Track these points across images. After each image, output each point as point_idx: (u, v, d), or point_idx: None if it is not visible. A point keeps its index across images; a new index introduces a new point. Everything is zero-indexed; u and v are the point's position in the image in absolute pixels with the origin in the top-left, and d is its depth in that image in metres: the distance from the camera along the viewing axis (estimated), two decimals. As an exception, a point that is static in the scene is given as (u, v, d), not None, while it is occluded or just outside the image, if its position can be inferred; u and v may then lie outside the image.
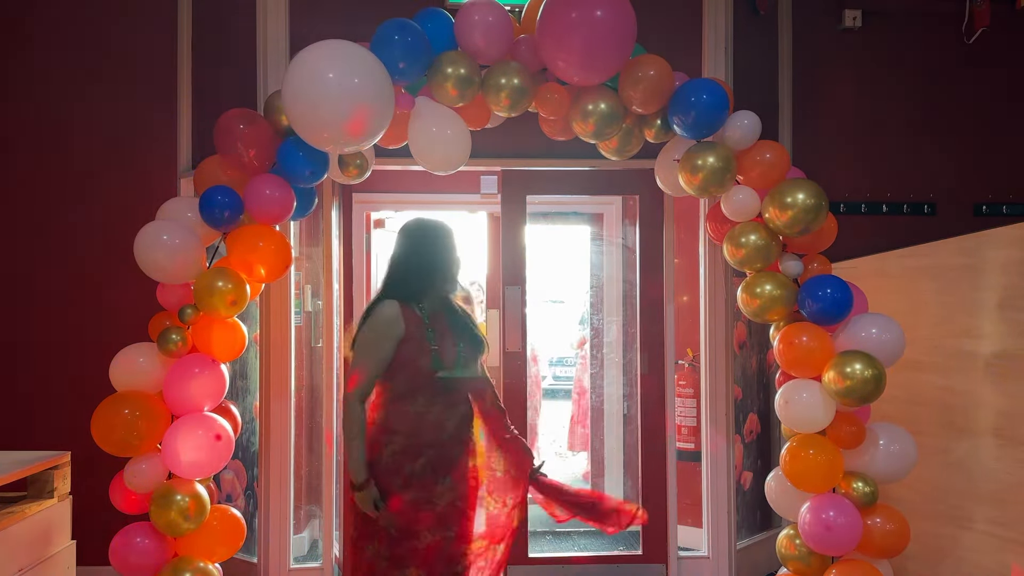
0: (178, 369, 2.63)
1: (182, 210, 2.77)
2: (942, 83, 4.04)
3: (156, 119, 3.61)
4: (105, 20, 3.62)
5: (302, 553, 3.83)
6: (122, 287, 3.41)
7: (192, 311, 2.67)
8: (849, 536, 2.62)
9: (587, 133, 2.88)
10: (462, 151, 2.85)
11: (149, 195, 3.36)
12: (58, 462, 2.50)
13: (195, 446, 2.59)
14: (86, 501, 2.72)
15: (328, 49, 2.44)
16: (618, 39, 2.61)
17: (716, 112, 2.73)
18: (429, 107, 2.80)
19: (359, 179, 3.06)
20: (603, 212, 4.63)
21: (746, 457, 3.81)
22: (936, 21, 4.03)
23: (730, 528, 3.66)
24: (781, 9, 3.98)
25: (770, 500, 2.95)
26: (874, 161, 4.02)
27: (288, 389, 3.53)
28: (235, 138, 2.71)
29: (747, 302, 2.85)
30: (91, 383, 2.78)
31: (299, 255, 3.78)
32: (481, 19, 2.71)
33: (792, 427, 2.80)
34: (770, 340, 2.92)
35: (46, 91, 3.60)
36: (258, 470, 3.53)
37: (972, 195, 4.06)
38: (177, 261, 2.65)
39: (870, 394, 2.58)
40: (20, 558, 2.27)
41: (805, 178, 2.80)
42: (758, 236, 2.81)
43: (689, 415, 4.03)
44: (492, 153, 3.56)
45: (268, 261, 2.76)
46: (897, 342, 2.67)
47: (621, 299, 4.48)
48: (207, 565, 2.69)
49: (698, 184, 2.81)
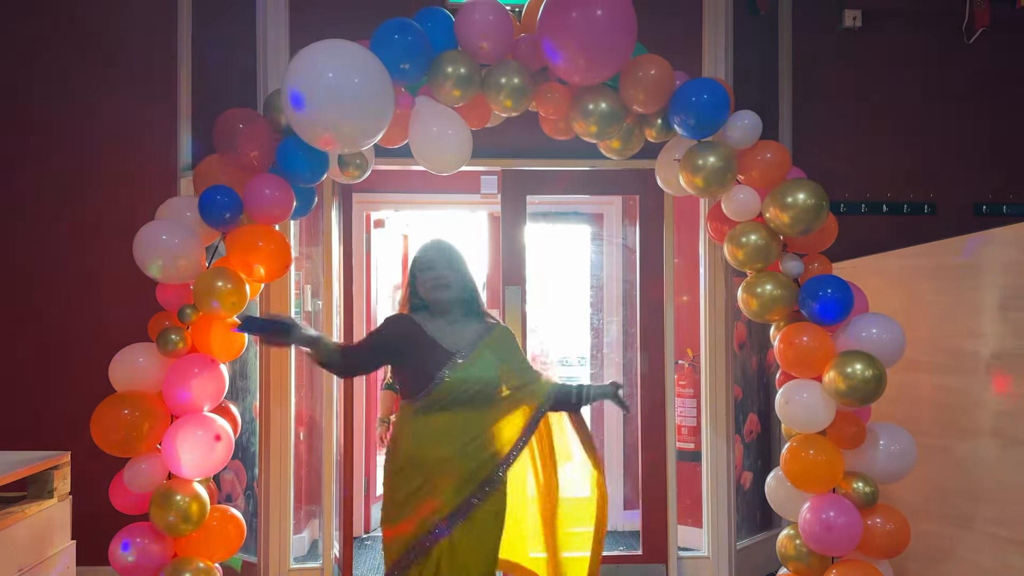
0: (178, 369, 2.63)
1: (182, 210, 2.76)
2: (942, 83, 4.04)
3: (156, 119, 3.60)
4: (105, 20, 3.62)
5: (302, 553, 3.83)
6: (122, 287, 3.41)
7: (192, 311, 2.67)
8: (849, 536, 2.61)
9: (588, 133, 2.88)
10: (463, 151, 2.84)
11: (149, 195, 3.35)
12: (58, 462, 2.49)
13: (195, 446, 2.58)
14: (86, 501, 2.72)
15: (328, 48, 2.43)
16: (619, 39, 2.61)
17: (717, 112, 2.73)
18: (429, 107, 2.80)
19: (359, 179, 3.06)
20: (603, 212, 4.64)
21: (746, 457, 3.81)
22: (936, 21, 4.04)
23: (730, 528, 3.66)
24: (781, 9, 3.98)
25: (770, 500, 2.95)
26: (874, 161, 4.02)
27: (288, 389, 3.53)
28: (235, 138, 2.70)
29: (747, 302, 2.85)
30: (91, 383, 2.78)
31: (299, 255, 3.78)
32: (481, 18, 2.71)
33: (792, 427, 2.80)
34: (770, 340, 2.92)
35: (46, 90, 3.59)
36: (258, 470, 3.53)
37: (972, 195, 4.06)
38: (177, 261, 2.65)
39: (870, 394, 2.58)
40: (20, 558, 2.27)
41: (806, 178, 2.80)
42: (759, 236, 2.81)
43: (689, 415, 4.03)
44: (492, 153, 3.56)
45: (268, 261, 2.75)
46: (897, 342, 2.67)
47: (621, 299, 4.49)
48: (207, 565, 2.68)
49: (699, 184, 2.81)
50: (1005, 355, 2.69)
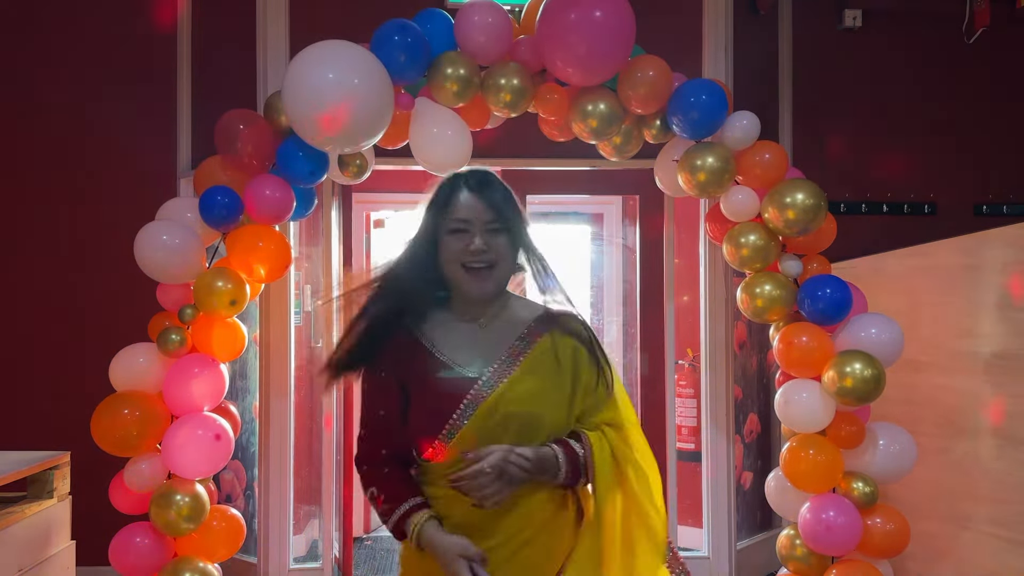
0: (178, 369, 2.63)
1: (182, 210, 2.77)
2: (942, 83, 4.04)
3: (156, 119, 3.61)
4: (105, 20, 3.62)
5: (302, 553, 3.83)
6: (122, 287, 3.41)
7: (192, 311, 2.67)
8: (849, 536, 2.62)
9: (587, 133, 2.88)
10: (462, 151, 2.85)
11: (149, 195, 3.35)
12: (58, 462, 2.49)
13: (195, 446, 2.59)
14: (86, 501, 2.72)
15: (328, 49, 2.44)
16: (617, 39, 2.61)
17: (715, 112, 2.73)
18: (429, 107, 2.80)
19: (359, 179, 3.06)
20: (603, 212, 4.63)
21: (746, 457, 3.81)
22: (936, 21, 4.03)
23: (730, 528, 3.66)
24: (781, 9, 3.98)
25: (770, 500, 2.95)
26: (874, 161, 4.01)
27: (288, 389, 3.53)
28: (235, 138, 2.71)
29: (747, 302, 2.85)
30: (91, 383, 2.78)
31: (299, 255, 3.78)
32: (481, 20, 2.71)
33: (792, 427, 2.80)
34: (770, 340, 2.92)
35: (45, 91, 3.60)
36: (258, 470, 3.53)
37: (972, 195, 4.05)
38: (177, 261, 2.65)
39: (870, 394, 2.58)
40: (19, 558, 2.27)
41: (804, 178, 2.80)
42: (757, 236, 2.81)
43: (689, 415, 4.03)
44: (492, 153, 3.56)
45: (268, 261, 2.76)
46: (897, 342, 2.67)
47: (621, 299, 4.48)
48: (207, 565, 2.69)
49: (697, 184, 2.81)
50: (1005, 355, 2.69)
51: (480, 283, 1.48)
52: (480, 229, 1.48)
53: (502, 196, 1.54)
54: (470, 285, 1.48)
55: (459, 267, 1.48)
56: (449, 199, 1.53)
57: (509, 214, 1.52)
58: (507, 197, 1.55)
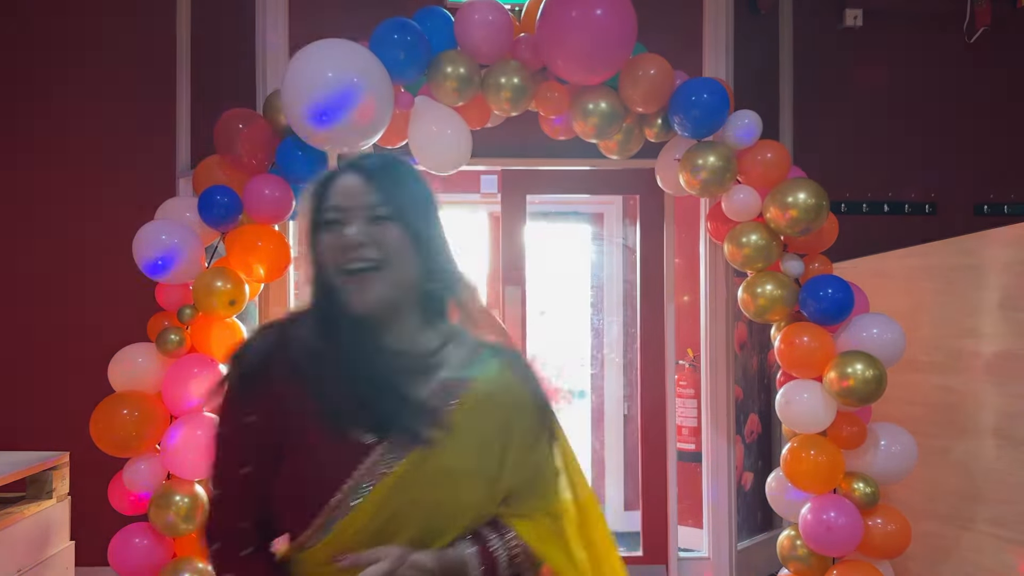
0: (177, 369, 2.62)
1: (181, 210, 2.76)
2: (943, 83, 4.04)
3: (155, 119, 3.59)
4: (104, 19, 3.61)
5: (302, 553, 3.82)
6: (121, 287, 3.40)
7: (191, 311, 2.67)
8: (850, 537, 2.61)
9: (587, 132, 2.87)
10: (462, 150, 2.84)
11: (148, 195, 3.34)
12: (57, 462, 2.49)
13: (194, 446, 2.58)
14: (85, 501, 2.72)
15: (327, 48, 2.43)
16: (618, 38, 2.61)
17: (717, 111, 2.72)
18: (429, 106, 2.80)
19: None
20: (603, 212, 4.63)
21: (747, 458, 3.81)
22: (937, 21, 4.03)
23: (731, 529, 3.65)
24: (782, 8, 3.97)
25: (771, 501, 2.94)
26: (875, 161, 4.01)
27: (288, 389, 3.52)
28: (234, 138, 2.70)
29: (748, 302, 2.84)
30: (90, 383, 2.77)
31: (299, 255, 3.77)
32: (481, 18, 2.71)
33: (793, 427, 2.80)
34: (771, 340, 2.91)
35: (45, 90, 3.59)
36: (258, 470, 3.52)
37: (973, 195, 4.05)
38: (176, 261, 2.65)
39: (871, 394, 2.57)
40: (19, 559, 2.26)
41: (806, 178, 2.80)
42: (759, 236, 2.80)
43: (689, 415, 4.02)
44: (492, 153, 3.55)
45: (267, 261, 2.75)
46: (898, 342, 2.67)
47: (621, 299, 4.48)
48: (206, 566, 2.68)
49: (698, 184, 2.81)
50: (1006, 355, 2.69)
51: (359, 291, 1.07)
52: (358, 216, 1.07)
53: (396, 178, 1.11)
54: (348, 296, 1.08)
55: (338, 273, 1.09)
56: (325, 188, 1.12)
57: (404, 200, 1.09)
58: (404, 180, 1.12)
